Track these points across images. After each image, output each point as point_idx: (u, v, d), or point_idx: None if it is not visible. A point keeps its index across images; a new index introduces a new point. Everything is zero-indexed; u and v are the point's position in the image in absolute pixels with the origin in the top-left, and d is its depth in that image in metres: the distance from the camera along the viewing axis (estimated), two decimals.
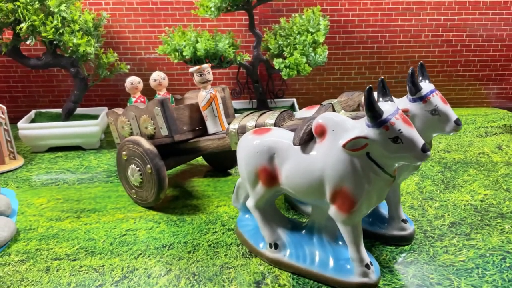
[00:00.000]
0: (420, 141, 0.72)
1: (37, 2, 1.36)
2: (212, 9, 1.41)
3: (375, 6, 1.71)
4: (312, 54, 1.45)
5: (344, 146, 0.75)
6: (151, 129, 1.11)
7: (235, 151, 0.97)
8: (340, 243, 0.88)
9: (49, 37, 1.36)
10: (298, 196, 0.85)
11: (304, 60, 1.43)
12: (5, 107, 1.38)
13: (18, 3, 1.36)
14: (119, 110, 1.19)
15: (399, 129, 0.72)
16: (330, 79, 1.80)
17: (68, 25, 1.40)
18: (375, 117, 0.72)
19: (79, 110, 1.62)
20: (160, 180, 1.08)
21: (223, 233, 1.02)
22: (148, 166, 1.08)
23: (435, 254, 0.93)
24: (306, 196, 0.83)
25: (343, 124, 0.78)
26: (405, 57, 1.80)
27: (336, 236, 0.89)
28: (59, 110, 1.64)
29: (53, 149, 1.55)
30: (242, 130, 1.01)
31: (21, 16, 1.36)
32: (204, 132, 1.15)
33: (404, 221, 0.97)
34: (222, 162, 1.35)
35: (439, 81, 1.84)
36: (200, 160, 1.43)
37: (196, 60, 1.45)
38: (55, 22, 1.37)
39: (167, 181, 1.09)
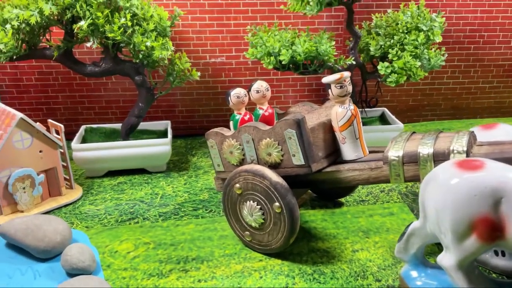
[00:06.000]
0: None
1: None
2: (311, 3, 1.17)
3: (475, 2, 1.49)
4: (426, 56, 1.22)
5: None
6: (277, 156, 0.86)
7: None
8: None
9: (116, 38, 1.11)
10: None
11: (418, 63, 1.20)
12: (62, 126, 1.12)
13: None
14: (225, 131, 0.94)
15: None
16: (419, 84, 1.57)
17: (138, 23, 1.14)
18: None
19: None
20: (293, 222, 0.84)
21: None
22: (277, 204, 0.84)
23: None
24: None
25: None
26: (503, 59, 1.58)
27: None
28: (112, 125, 1.39)
29: (111, 173, 1.29)
30: (410, 159, 0.78)
31: (79, 12, 1.11)
32: (336, 158, 0.92)
33: None
34: (332, 190, 1.11)
35: None
36: None
37: (289, 66, 1.21)
38: (122, 20, 1.11)
39: (299, 223, 0.86)
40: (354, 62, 1.24)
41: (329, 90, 0.87)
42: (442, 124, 1.64)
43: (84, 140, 1.31)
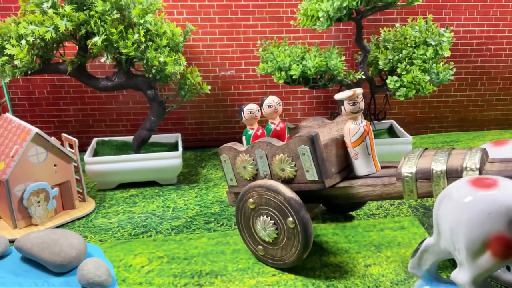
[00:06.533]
0: None
1: (115, 12, 1.12)
2: (321, 19, 1.18)
3: (482, 16, 1.51)
4: (435, 70, 1.23)
5: None
6: (291, 171, 0.87)
7: None
8: None
9: (130, 53, 1.13)
10: None
11: (427, 77, 1.22)
12: (76, 140, 1.14)
13: (92, 13, 1.12)
14: (238, 146, 0.96)
15: None
16: (427, 96, 1.59)
17: (152, 39, 1.16)
18: None
19: None
20: (306, 237, 0.85)
21: None
22: (290, 219, 0.85)
23: None
24: None
25: None
26: (510, 72, 1.59)
27: None
28: (123, 138, 1.40)
29: (122, 186, 1.30)
30: (423, 176, 0.79)
31: (94, 28, 1.13)
32: (348, 173, 0.93)
33: None
34: (343, 204, 1.11)
35: None
36: None
37: (299, 80, 1.23)
38: (136, 36, 1.13)
39: (313, 238, 0.86)
40: (363, 77, 1.26)
41: (342, 107, 0.88)
42: (449, 136, 1.64)
43: (96, 153, 1.33)
